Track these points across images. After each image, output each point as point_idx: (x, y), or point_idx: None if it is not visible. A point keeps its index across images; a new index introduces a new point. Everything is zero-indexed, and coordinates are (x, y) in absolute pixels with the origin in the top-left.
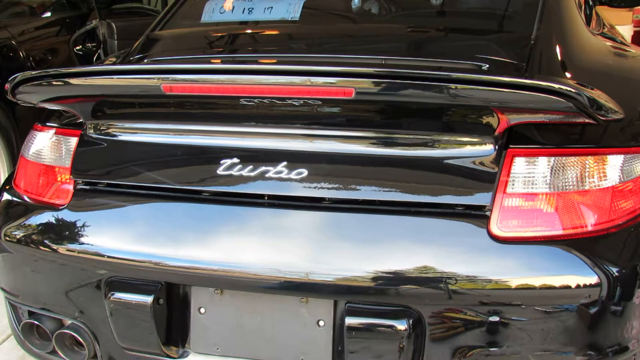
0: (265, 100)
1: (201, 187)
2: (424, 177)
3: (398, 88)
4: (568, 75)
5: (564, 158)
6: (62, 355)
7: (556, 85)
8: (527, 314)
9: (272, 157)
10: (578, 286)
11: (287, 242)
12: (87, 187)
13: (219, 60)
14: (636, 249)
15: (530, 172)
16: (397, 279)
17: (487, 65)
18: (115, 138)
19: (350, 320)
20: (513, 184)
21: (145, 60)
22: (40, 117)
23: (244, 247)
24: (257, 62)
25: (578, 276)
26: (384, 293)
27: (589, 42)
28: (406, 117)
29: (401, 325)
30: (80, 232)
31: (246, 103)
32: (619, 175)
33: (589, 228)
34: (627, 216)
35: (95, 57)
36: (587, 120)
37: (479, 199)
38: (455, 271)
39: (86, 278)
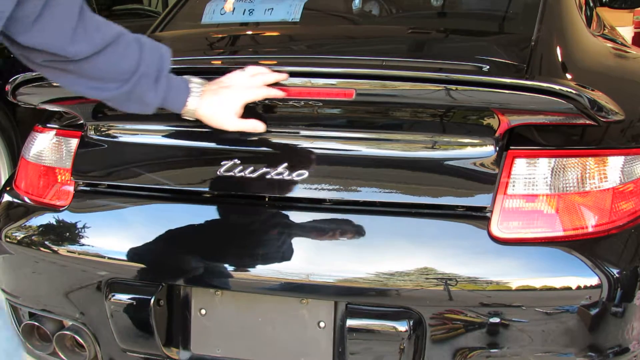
0: (265, 102)
1: (202, 189)
2: (425, 179)
3: (399, 89)
4: (569, 76)
5: (565, 159)
6: (62, 356)
7: (557, 87)
8: (527, 315)
9: (272, 158)
10: (579, 287)
11: (288, 243)
12: (88, 189)
13: (219, 62)
14: (637, 250)
15: (530, 173)
16: (397, 280)
17: (488, 67)
18: (116, 139)
19: (351, 322)
20: (513, 185)
21: None
22: (40, 119)
23: (245, 248)
24: (257, 64)
25: (579, 277)
26: (384, 294)
27: (589, 43)
28: (407, 118)
29: (402, 327)
30: (80, 234)
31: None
32: (620, 177)
33: (590, 229)
34: (627, 217)
35: None
36: (587, 122)
37: (480, 200)
38: (455, 272)
39: (87, 279)
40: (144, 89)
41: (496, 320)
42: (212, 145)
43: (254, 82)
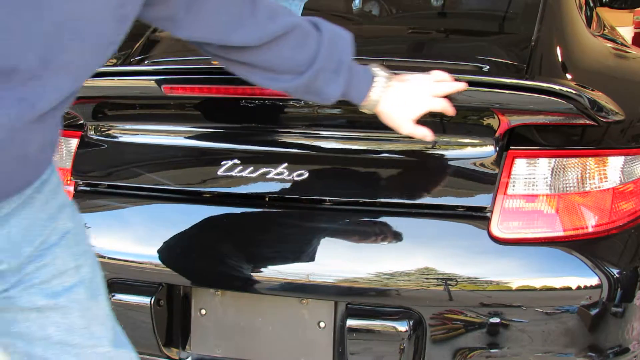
0: (266, 102)
1: (202, 189)
2: (425, 179)
3: None
4: (569, 76)
5: (565, 159)
6: None
7: (557, 87)
8: (527, 316)
9: (273, 158)
10: (579, 287)
11: (288, 243)
12: (88, 189)
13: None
14: (637, 250)
15: (530, 173)
16: (397, 280)
17: (488, 67)
18: (116, 139)
19: (351, 322)
20: (514, 186)
21: (146, 62)
22: None
23: (244, 248)
24: None
25: (579, 277)
26: (384, 294)
27: (589, 43)
28: None
29: (402, 327)
30: None
31: (247, 104)
32: (620, 177)
33: (590, 229)
34: (627, 217)
35: None
36: (587, 122)
37: (480, 200)
38: (455, 272)
39: None
40: (322, 82)
41: (496, 320)
42: (212, 145)
43: (437, 90)
